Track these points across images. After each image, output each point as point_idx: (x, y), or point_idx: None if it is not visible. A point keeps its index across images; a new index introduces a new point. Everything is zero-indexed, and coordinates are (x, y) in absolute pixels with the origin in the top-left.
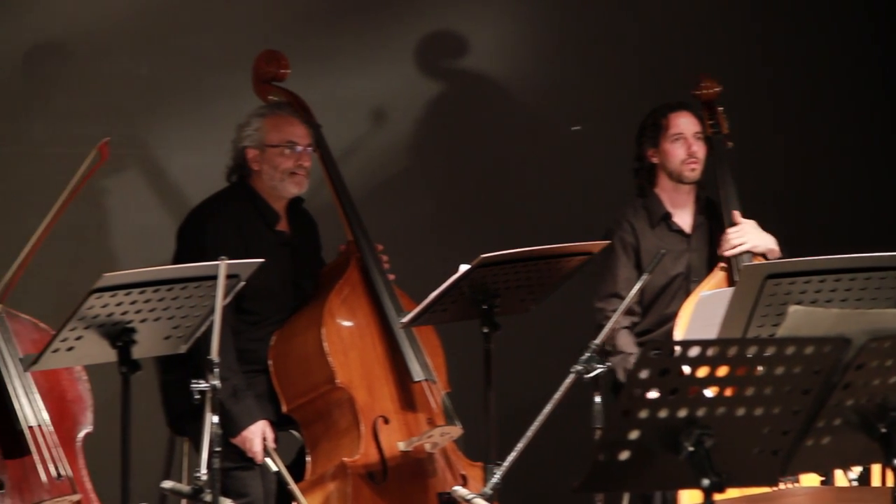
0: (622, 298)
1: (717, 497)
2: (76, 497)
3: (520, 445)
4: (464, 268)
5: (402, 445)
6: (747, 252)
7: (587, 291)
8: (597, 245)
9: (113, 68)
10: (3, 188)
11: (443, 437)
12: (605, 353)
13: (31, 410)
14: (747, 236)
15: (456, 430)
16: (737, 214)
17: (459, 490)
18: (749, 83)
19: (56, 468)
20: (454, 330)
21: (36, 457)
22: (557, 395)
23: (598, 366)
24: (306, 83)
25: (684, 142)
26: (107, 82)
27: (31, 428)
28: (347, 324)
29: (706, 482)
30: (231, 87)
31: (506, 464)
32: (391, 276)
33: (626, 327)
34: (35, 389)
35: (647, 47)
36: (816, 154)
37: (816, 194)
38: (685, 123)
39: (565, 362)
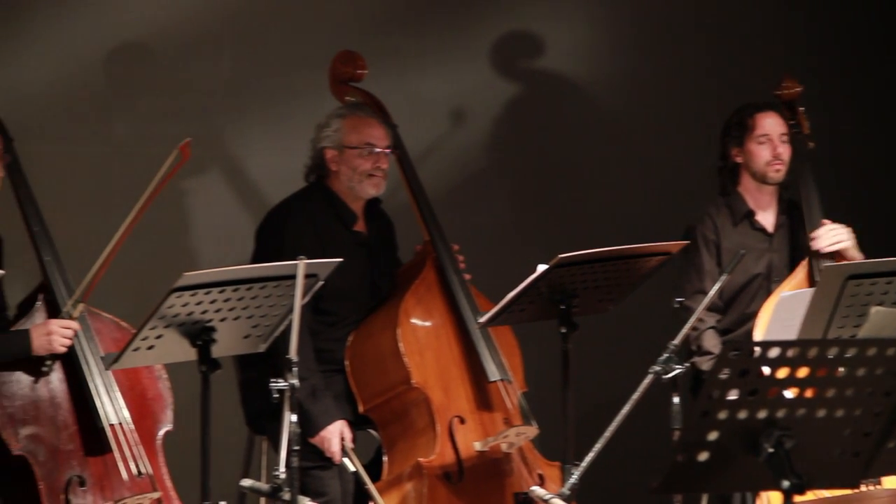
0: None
1: (798, 499)
2: (156, 495)
3: (598, 446)
4: (541, 268)
5: (478, 445)
6: (835, 252)
7: (665, 291)
8: (675, 245)
9: (195, 69)
10: (86, 188)
11: (519, 436)
12: (689, 353)
13: (113, 408)
14: (845, 234)
15: (532, 430)
16: (827, 222)
17: (537, 490)
18: (829, 83)
19: (137, 466)
20: (532, 329)
21: (117, 454)
22: (636, 396)
23: (677, 366)
24: (383, 84)
25: (770, 143)
26: (188, 83)
27: (112, 426)
28: (423, 324)
29: (786, 484)
30: (311, 87)
31: (583, 464)
32: (467, 276)
33: (712, 327)
34: (116, 387)
35: (726, 46)
36: None
37: None
38: (771, 124)
39: (643, 362)
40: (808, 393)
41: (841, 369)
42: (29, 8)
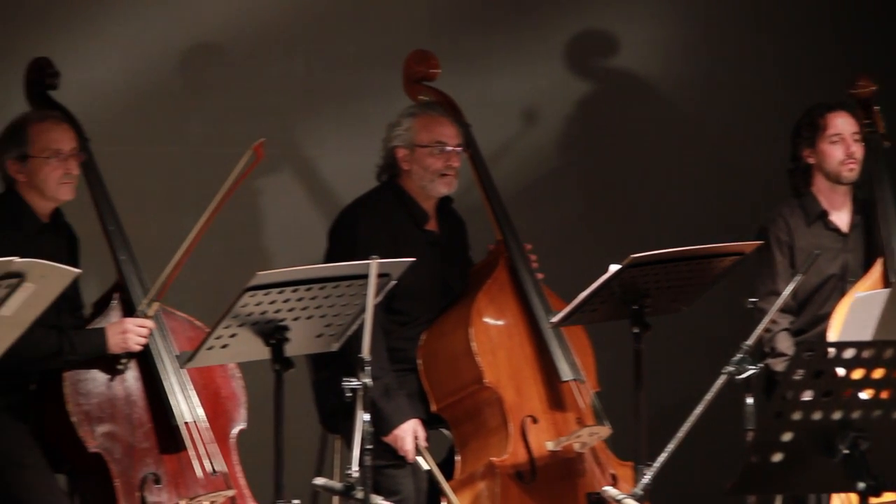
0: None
1: (873, 501)
2: (230, 492)
3: (671, 446)
4: (614, 268)
5: (550, 445)
6: None
7: (739, 291)
8: (749, 245)
9: (268, 69)
10: (161, 188)
11: (592, 436)
12: (763, 354)
13: (187, 406)
14: None
15: (605, 430)
16: None
17: (609, 490)
18: None
19: (211, 464)
20: (604, 329)
21: (191, 452)
22: (709, 396)
23: (751, 367)
24: (456, 83)
25: (843, 142)
26: (262, 83)
27: (186, 424)
28: (496, 323)
29: (862, 486)
30: (384, 86)
31: (656, 464)
32: (540, 276)
33: (786, 329)
34: (191, 386)
35: (799, 44)
36: None
37: None
38: (843, 124)
39: (716, 362)
40: (884, 394)
41: None
42: (106, 9)
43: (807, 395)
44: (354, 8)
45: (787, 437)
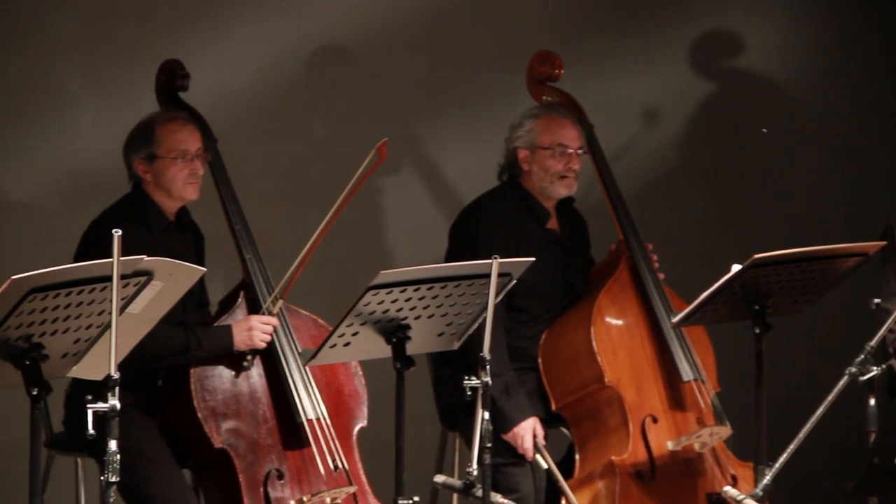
0: None
1: None
2: (352, 489)
3: (791, 446)
4: (736, 268)
5: (670, 445)
6: None
7: (862, 292)
8: (873, 245)
9: (392, 69)
10: (286, 187)
11: (712, 436)
12: (886, 355)
13: (311, 404)
14: None
15: (725, 431)
16: None
17: (730, 490)
18: None
19: (333, 460)
20: (725, 329)
21: (314, 449)
22: (831, 397)
23: (874, 368)
24: (580, 83)
25: None
26: (386, 83)
27: (309, 421)
28: (617, 323)
29: None
30: (506, 87)
31: (777, 465)
32: (661, 276)
33: None
34: (314, 383)
35: None
36: None
37: None
38: None
39: (838, 363)
40: None
41: None
42: (234, 11)
43: None
44: (479, 9)
45: None
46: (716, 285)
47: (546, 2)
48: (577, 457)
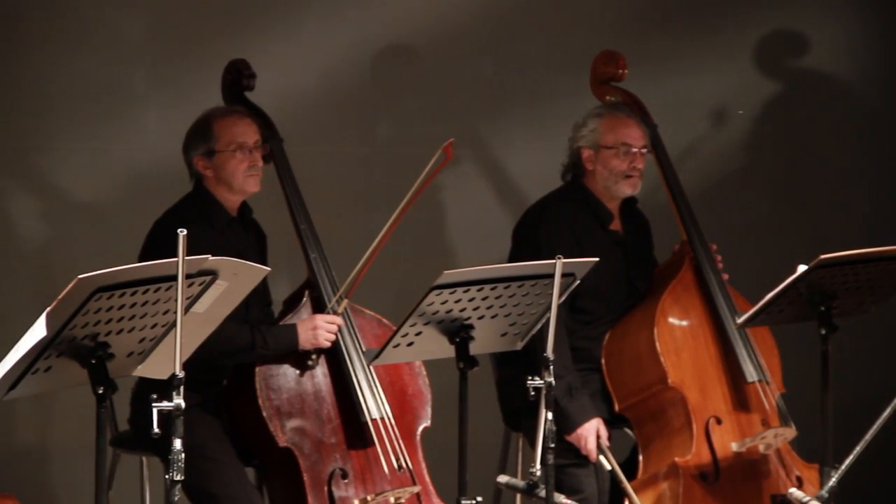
0: None
1: None
2: (416, 489)
3: (858, 448)
4: (802, 268)
5: (735, 446)
6: None
7: None
8: None
9: (457, 70)
10: (351, 187)
11: (777, 438)
12: None
13: (375, 403)
14: None
15: (790, 432)
16: None
17: (795, 493)
18: None
19: (397, 460)
20: (790, 329)
21: (379, 448)
22: None
23: None
24: (644, 83)
25: None
26: (451, 83)
27: (374, 420)
28: (680, 323)
29: None
30: (570, 87)
31: (843, 466)
32: (725, 276)
33: None
34: (378, 383)
35: None
36: None
37: None
38: None
39: None
40: None
41: None
42: (300, 11)
43: None
44: (543, 9)
45: None
46: (781, 286)
47: (610, 1)
48: (640, 458)
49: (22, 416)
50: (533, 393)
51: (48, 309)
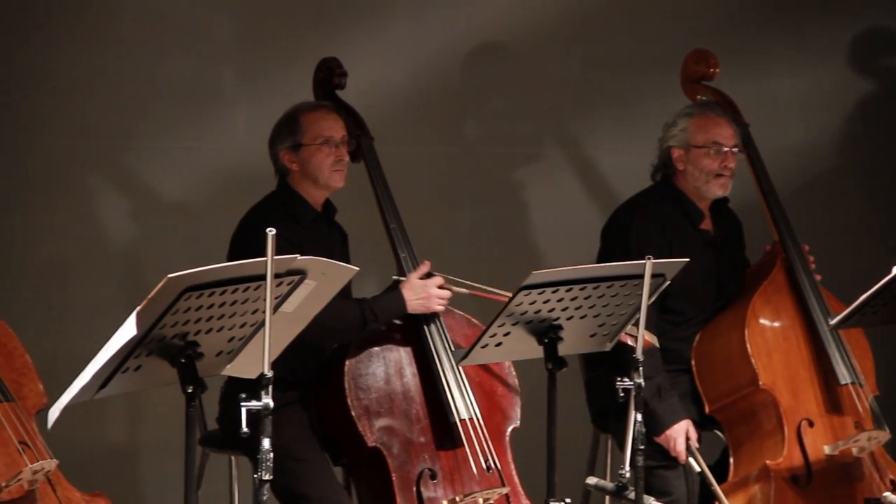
0: None
1: None
2: (505, 490)
3: None
4: None
5: (827, 449)
6: None
7: None
8: None
9: (546, 69)
10: (439, 186)
11: (870, 441)
12: None
13: (464, 403)
14: None
15: (884, 435)
16: None
17: (890, 496)
18: None
19: (486, 461)
20: (884, 331)
21: (467, 449)
22: None
23: None
24: (736, 82)
25: None
26: (540, 83)
27: (463, 421)
28: (772, 325)
29: None
30: (660, 86)
31: None
32: (818, 277)
33: None
34: (467, 383)
35: None
36: None
37: None
38: None
39: None
40: None
41: None
42: (389, 10)
43: None
44: (633, 8)
45: None
46: (876, 287)
47: (701, 0)
48: (731, 460)
49: (112, 415)
50: (622, 394)
51: (138, 308)
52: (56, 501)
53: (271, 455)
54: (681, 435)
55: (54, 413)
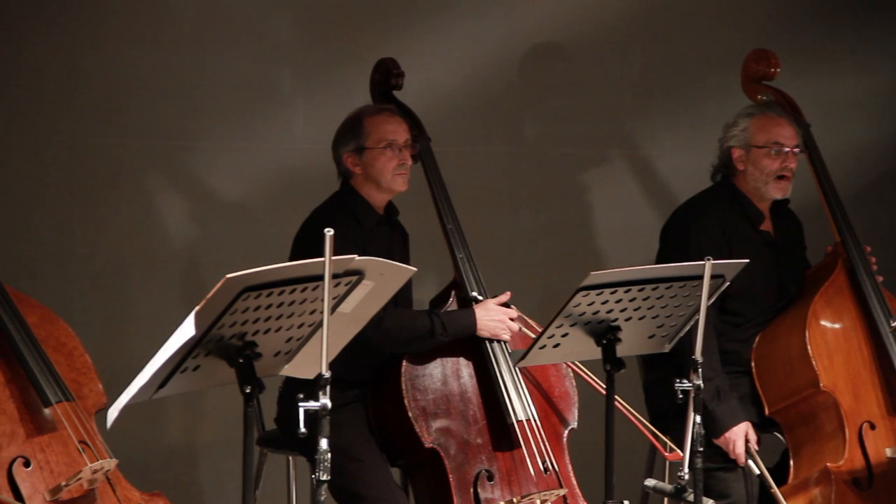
0: None
1: None
2: (562, 491)
3: None
4: None
5: (889, 452)
6: None
7: None
8: None
9: (605, 68)
10: (497, 186)
11: None
12: None
13: (521, 405)
14: None
15: None
16: None
17: None
18: None
19: (543, 462)
20: None
21: (525, 450)
22: None
23: None
24: (797, 82)
25: None
26: (598, 82)
27: (520, 422)
28: (833, 326)
29: None
30: (721, 86)
31: None
32: (879, 279)
33: None
34: (524, 385)
35: None
36: None
37: None
38: None
39: None
40: None
41: None
42: (447, 10)
43: None
44: (692, 7)
45: None
46: None
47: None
48: (791, 462)
49: (171, 415)
50: (681, 396)
51: (196, 308)
52: (115, 501)
53: (329, 455)
54: (740, 437)
55: (113, 413)
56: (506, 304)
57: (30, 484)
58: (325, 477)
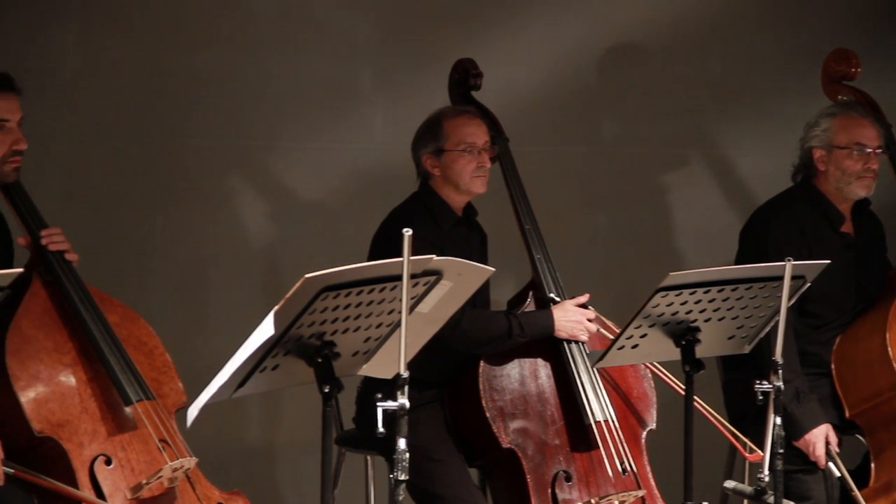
0: None
1: None
2: (640, 492)
3: None
4: None
5: None
6: None
7: None
8: None
9: (683, 69)
10: (575, 187)
11: None
12: None
13: (599, 405)
14: None
15: None
16: None
17: None
18: None
19: (621, 463)
20: None
21: (603, 451)
22: None
23: None
24: (878, 82)
25: None
26: (677, 83)
27: (598, 423)
28: None
29: None
30: (800, 86)
31: None
32: None
33: None
34: (602, 385)
35: None
36: None
37: None
38: None
39: None
40: None
41: None
42: (526, 11)
43: None
44: (772, 7)
45: None
46: None
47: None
48: (872, 465)
49: (250, 414)
50: (761, 397)
51: (276, 307)
52: (195, 499)
53: (407, 455)
54: (820, 439)
55: (193, 411)
56: (584, 306)
57: (111, 482)
58: (403, 477)
